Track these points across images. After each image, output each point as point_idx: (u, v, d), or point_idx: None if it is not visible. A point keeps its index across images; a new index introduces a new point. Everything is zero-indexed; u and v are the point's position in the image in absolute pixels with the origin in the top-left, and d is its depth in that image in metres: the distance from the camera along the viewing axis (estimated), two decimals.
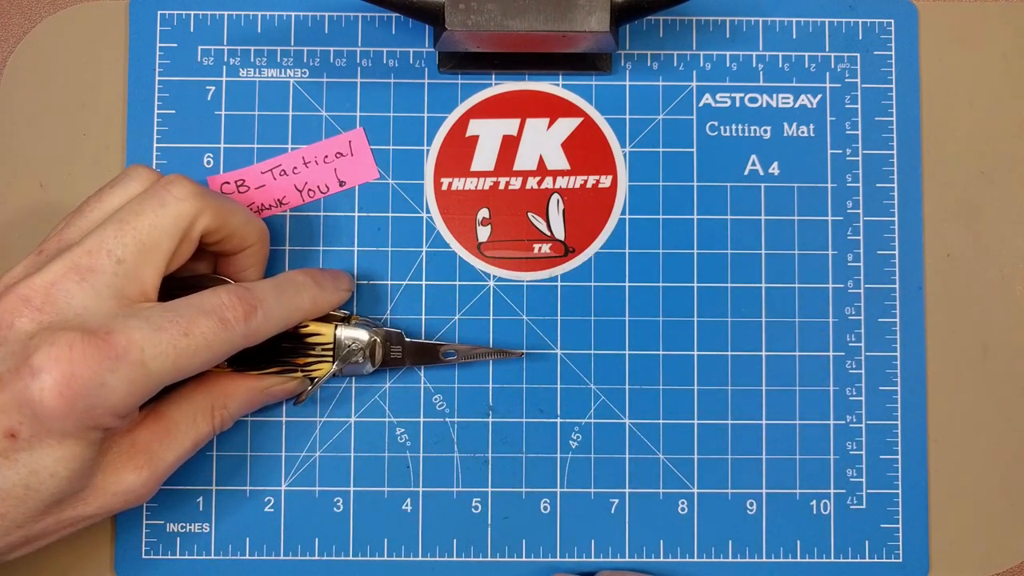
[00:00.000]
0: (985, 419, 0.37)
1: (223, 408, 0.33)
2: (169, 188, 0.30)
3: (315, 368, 0.34)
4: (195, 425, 0.32)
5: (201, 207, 0.31)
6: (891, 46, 0.38)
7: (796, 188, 0.38)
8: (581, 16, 0.33)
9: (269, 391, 0.34)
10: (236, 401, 0.33)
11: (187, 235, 0.31)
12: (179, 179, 0.31)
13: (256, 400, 0.34)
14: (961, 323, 0.37)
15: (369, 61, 0.38)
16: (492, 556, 0.36)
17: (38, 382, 0.27)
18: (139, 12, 0.38)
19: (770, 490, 0.37)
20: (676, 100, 0.38)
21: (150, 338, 0.28)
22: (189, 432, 0.32)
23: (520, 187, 0.37)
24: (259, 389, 0.34)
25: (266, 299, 0.31)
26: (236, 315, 0.30)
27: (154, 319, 0.28)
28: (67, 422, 0.27)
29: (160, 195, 0.30)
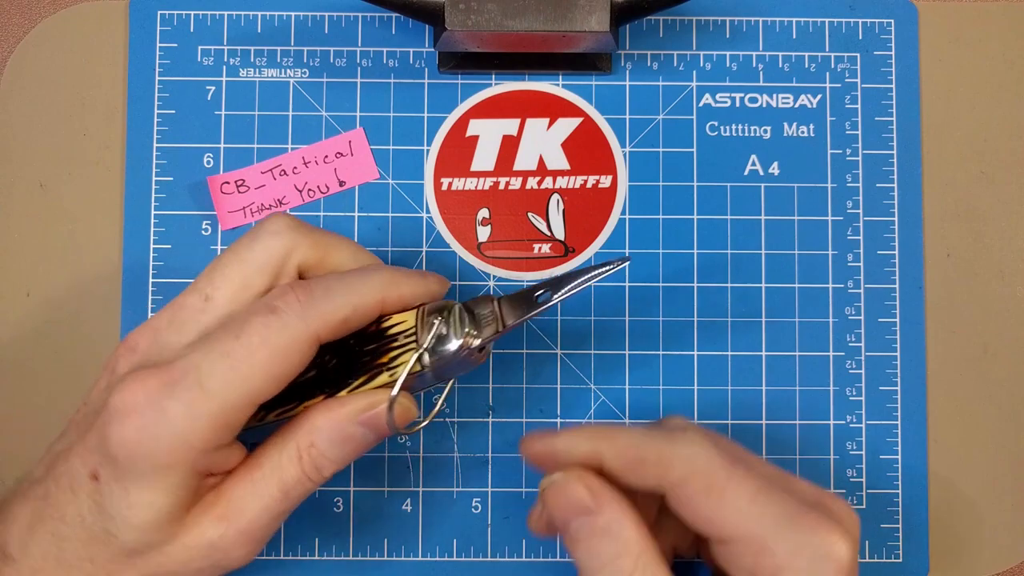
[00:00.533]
0: (985, 419, 0.37)
1: (310, 447, 0.28)
2: (264, 223, 0.29)
3: (399, 361, 0.29)
4: (279, 468, 0.28)
5: (295, 241, 0.28)
6: (891, 46, 0.38)
7: (796, 188, 0.38)
8: (581, 16, 0.33)
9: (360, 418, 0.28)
10: (323, 436, 0.28)
11: (281, 270, 0.28)
12: (277, 215, 0.29)
13: (348, 432, 0.28)
14: (961, 323, 0.37)
15: (369, 61, 0.38)
16: (492, 556, 0.36)
17: (110, 420, 0.26)
18: (139, 12, 0.38)
19: None
20: (676, 100, 0.38)
21: (204, 355, 0.26)
22: (273, 476, 0.28)
23: (520, 187, 0.37)
24: (344, 417, 0.28)
25: (328, 284, 0.28)
26: (287, 300, 0.27)
27: (212, 335, 0.27)
28: (138, 462, 0.26)
29: (254, 231, 0.29)
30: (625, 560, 0.27)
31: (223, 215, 0.37)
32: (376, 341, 0.29)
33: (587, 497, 0.28)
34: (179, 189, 0.37)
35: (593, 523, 0.27)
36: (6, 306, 0.37)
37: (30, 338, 0.37)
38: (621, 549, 0.27)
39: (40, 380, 0.37)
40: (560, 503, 0.28)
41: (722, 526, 0.27)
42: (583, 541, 0.28)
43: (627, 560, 0.27)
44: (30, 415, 0.37)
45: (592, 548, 0.27)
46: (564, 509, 0.28)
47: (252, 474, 0.28)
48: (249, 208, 0.37)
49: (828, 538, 0.26)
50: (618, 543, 0.27)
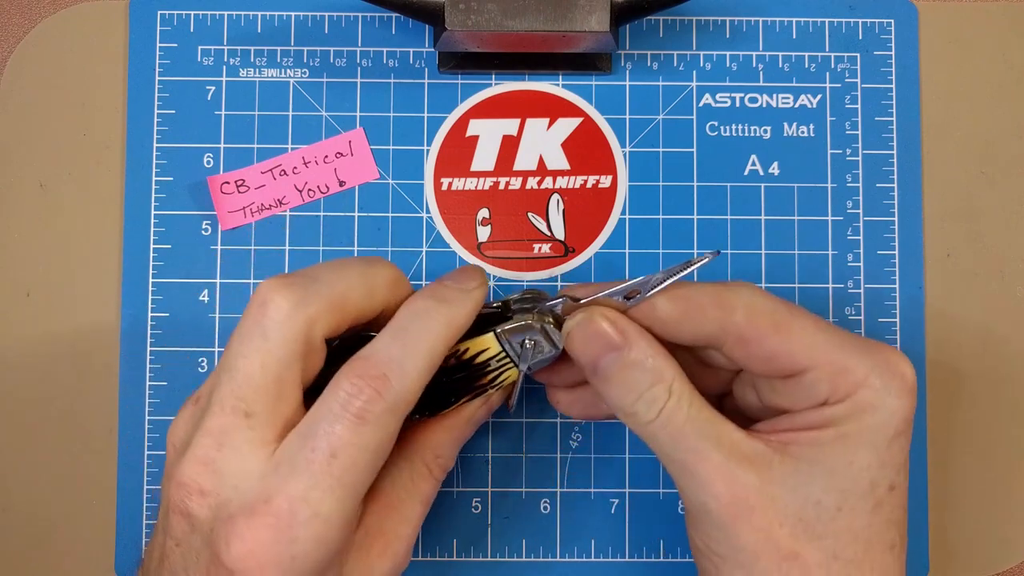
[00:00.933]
0: (985, 419, 0.37)
1: (437, 457, 0.30)
2: (266, 312, 0.26)
3: (504, 378, 0.30)
4: (416, 489, 0.30)
5: (309, 317, 0.26)
6: (891, 46, 0.38)
7: (796, 188, 0.38)
8: (581, 16, 0.33)
9: (473, 419, 0.31)
10: (446, 447, 0.31)
11: (309, 350, 0.27)
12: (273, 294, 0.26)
13: (467, 432, 0.31)
14: (961, 323, 0.37)
15: (369, 61, 0.38)
16: (492, 556, 0.36)
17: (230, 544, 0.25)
18: (139, 12, 0.38)
19: None
20: (676, 100, 0.38)
21: (305, 484, 0.25)
22: (414, 498, 0.30)
23: (520, 187, 0.37)
24: (462, 424, 0.31)
25: (392, 356, 0.27)
26: (367, 400, 0.26)
27: (299, 460, 0.25)
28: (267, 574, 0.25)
29: (260, 325, 0.26)
30: (659, 388, 0.27)
31: (223, 215, 0.37)
32: (464, 371, 0.30)
33: (614, 332, 0.28)
34: (179, 189, 0.37)
35: (623, 357, 0.27)
36: (6, 306, 0.37)
37: (30, 338, 0.37)
38: (654, 378, 0.27)
39: (40, 380, 0.37)
40: (587, 342, 0.28)
41: (795, 357, 0.27)
42: (614, 377, 0.28)
43: (661, 387, 0.27)
44: (30, 415, 0.37)
45: (625, 382, 0.27)
46: (592, 348, 0.28)
47: (391, 504, 0.29)
48: (249, 208, 0.37)
49: (896, 360, 0.27)
50: (651, 373, 0.27)
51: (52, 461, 0.37)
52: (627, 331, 0.28)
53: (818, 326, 0.28)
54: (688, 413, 0.27)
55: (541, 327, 0.29)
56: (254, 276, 0.37)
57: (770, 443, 0.27)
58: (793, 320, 0.28)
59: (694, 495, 0.27)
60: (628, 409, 0.28)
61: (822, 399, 0.27)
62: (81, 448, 0.37)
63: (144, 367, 0.36)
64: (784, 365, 0.28)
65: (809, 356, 0.27)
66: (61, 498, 0.36)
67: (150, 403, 0.36)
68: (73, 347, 0.37)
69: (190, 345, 0.37)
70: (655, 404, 0.27)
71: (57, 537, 0.36)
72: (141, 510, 0.36)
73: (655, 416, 0.27)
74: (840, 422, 0.27)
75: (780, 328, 0.27)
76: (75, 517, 0.36)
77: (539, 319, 0.29)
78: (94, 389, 0.37)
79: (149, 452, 0.36)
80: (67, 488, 0.36)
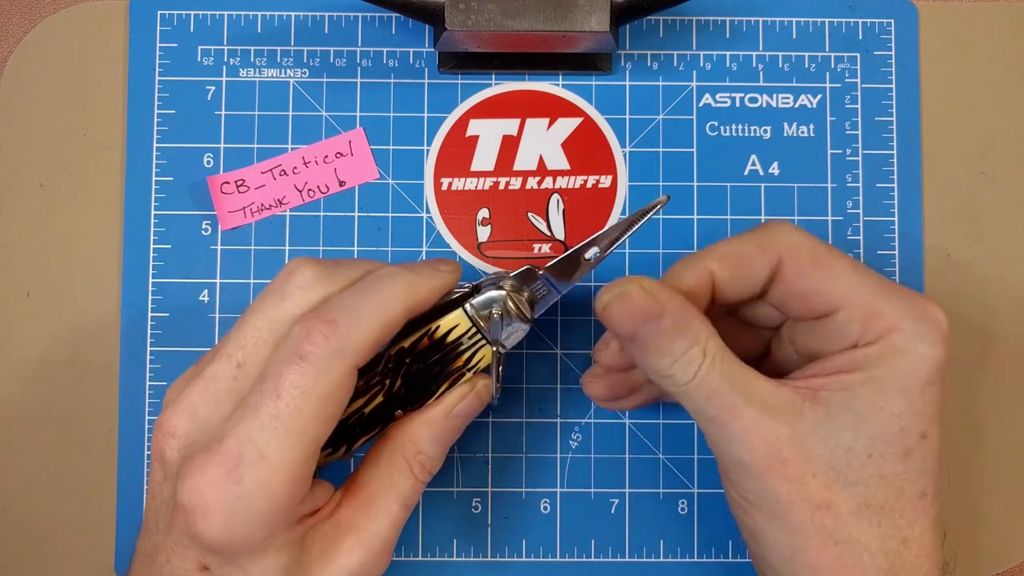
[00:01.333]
0: (985, 419, 0.37)
1: (417, 453, 0.29)
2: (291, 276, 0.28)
3: (478, 359, 0.30)
4: (393, 485, 0.29)
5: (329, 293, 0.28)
6: (891, 46, 0.38)
7: (796, 188, 0.38)
8: (581, 16, 0.33)
9: (455, 411, 0.30)
10: (426, 440, 0.30)
11: None
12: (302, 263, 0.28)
13: (448, 427, 0.30)
14: (961, 323, 0.37)
15: (369, 61, 0.38)
16: (492, 556, 0.36)
17: (192, 520, 0.26)
18: (139, 12, 0.38)
19: None
20: (676, 100, 0.38)
21: (253, 426, 0.26)
22: (390, 495, 0.29)
23: (520, 187, 0.37)
24: (442, 415, 0.30)
25: (344, 305, 0.27)
26: (315, 342, 0.26)
27: (251, 402, 0.26)
28: (241, 543, 0.26)
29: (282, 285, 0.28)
30: (695, 350, 0.27)
31: (223, 215, 0.37)
32: (438, 352, 0.30)
33: (650, 301, 0.28)
34: (179, 189, 0.37)
35: (660, 325, 0.27)
36: (6, 306, 0.37)
37: (30, 338, 0.37)
38: (690, 341, 0.27)
39: (40, 380, 0.37)
40: (625, 314, 0.28)
41: (829, 295, 0.28)
42: (652, 344, 0.28)
43: (697, 350, 0.27)
44: (30, 415, 0.37)
45: (663, 348, 0.27)
46: (630, 319, 0.28)
47: (367, 499, 0.29)
48: (249, 208, 0.37)
49: (930, 306, 0.28)
50: (687, 336, 0.27)
51: (52, 461, 0.37)
52: (663, 298, 0.28)
53: (855, 267, 0.28)
54: (721, 371, 0.27)
55: (506, 295, 0.30)
56: (254, 276, 0.37)
57: (799, 391, 0.27)
58: (832, 258, 0.28)
59: (728, 450, 0.27)
60: (665, 372, 0.28)
61: (852, 341, 0.27)
62: (81, 448, 0.37)
63: (144, 367, 0.36)
64: (819, 303, 0.28)
65: (844, 295, 0.27)
66: (61, 498, 0.36)
67: (150, 403, 0.36)
68: (73, 347, 0.37)
69: (190, 345, 0.37)
70: (691, 366, 0.27)
71: (57, 537, 0.36)
72: (141, 510, 0.36)
73: (691, 377, 0.27)
74: (870, 365, 0.27)
75: (819, 264, 0.28)
76: (75, 517, 0.36)
77: (504, 289, 0.30)
78: (94, 389, 0.37)
79: (149, 452, 0.36)
80: (67, 488, 0.36)
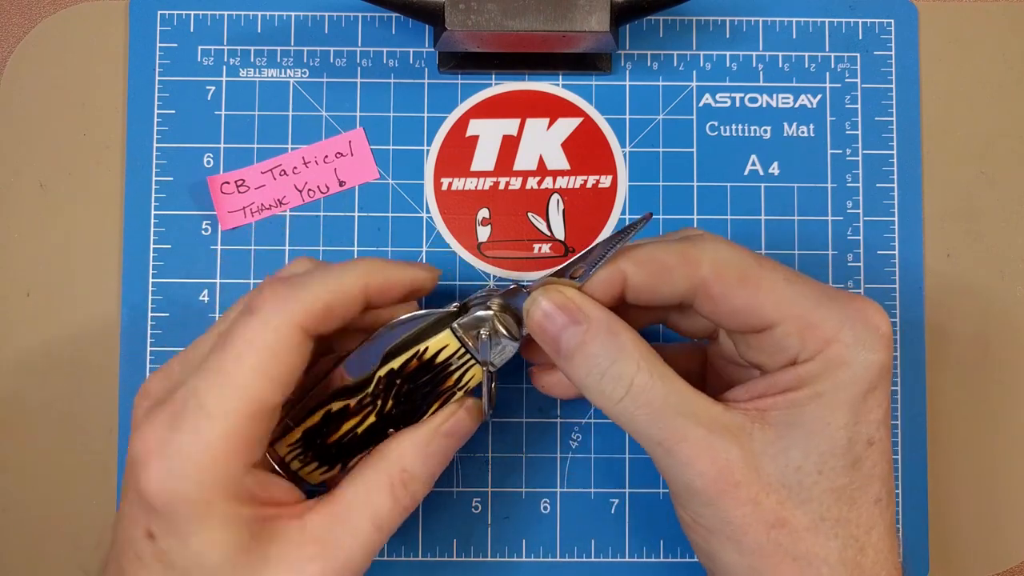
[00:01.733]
0: (985, 419, 0.37)
1: (402, 472, 0.28)
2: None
3: (468, 378, 0.30)
4: (370, 502, 0.27)
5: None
6: (891, 46, 0.38)
7: (796, 188, 0.38)
8: (581, 16, 0.33)
9: (443, 429, 0.29)
10: (411, 459, 0.28)
11: None
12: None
13: (436, 447, 0.29)
14: (961, 323, 0.37)
15: (369, 61, 0.38)
16: (492, 556, 0.36)
17: (137, 473, 0.25)
18: (139, 12, 0.38)
19: None
20: (676, 100, 0.38)
21: (199, 376, 0.25)
22: (364, 511, 0.27)
23: (520, 187, 0.37)
24: (430, 435, 0.29)
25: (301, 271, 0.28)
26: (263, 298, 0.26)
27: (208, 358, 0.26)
28: (176, 504, 0.25)
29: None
30: (624, 363, 0.26)
31: (223, 215, 0.37)
32: (428, 372, 0.29)
33: (569, 307, 0.27)
34: (179, 189, 0.37)
35: (583, 332, 0.27)
36: (6, 306, 0.37)
37: (30, 338, 0.37)
38: (617, 352, 0.27)
39: (39, 380, 0.37)
40: (544, 320, 0.27)
41: (762, 311, 0.27)
42: (577, 354, 0.27)
43: (628, 363, 0.26)
44: (30, 415, 0.37)
45: (588, 358, 0.27)
46: (549, 325, 0.27)
47: (338, 511, 0.27)
48: (249, 208, 0.37)
49: (869, 310, 0.27)
50: (613, 346, 0.27)
51: (52, 461, 0.37)
52: (583, 305, 0.27)
53: (788, 279, 0.27)
54: (662, 391, 0.26)
55: (493, 315, 0.29)
56: (254, 276, 0.37)
57: (748, 412, 0.27)
58: (761, 272, 0.27)
59: (678, 475, 0.27)
60: (595, 387, 0.27)
61: (793, 355, 0.27)
62: (81, 448, 0.37)
63: (144, 367, 0.36)
64: (752, 320, 0.27)
65: (777, 309, 0.26)
66: (61, 498, 0.36)
67: None
68: (73, 347, 0.37)
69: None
70: (622, 380, 0.26)
71: (57, 537, 0.36)
72: None
73: (624, 394, 0.26)
74: (814, 381, 0.26)
75: (747, 281, 0.27)
76: (75, 517, 0.36)
77: (492, 309, 0.29)
78: (94, 389, 0.37)
79: None
80: (67, 488, 0.36)
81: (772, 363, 0.27)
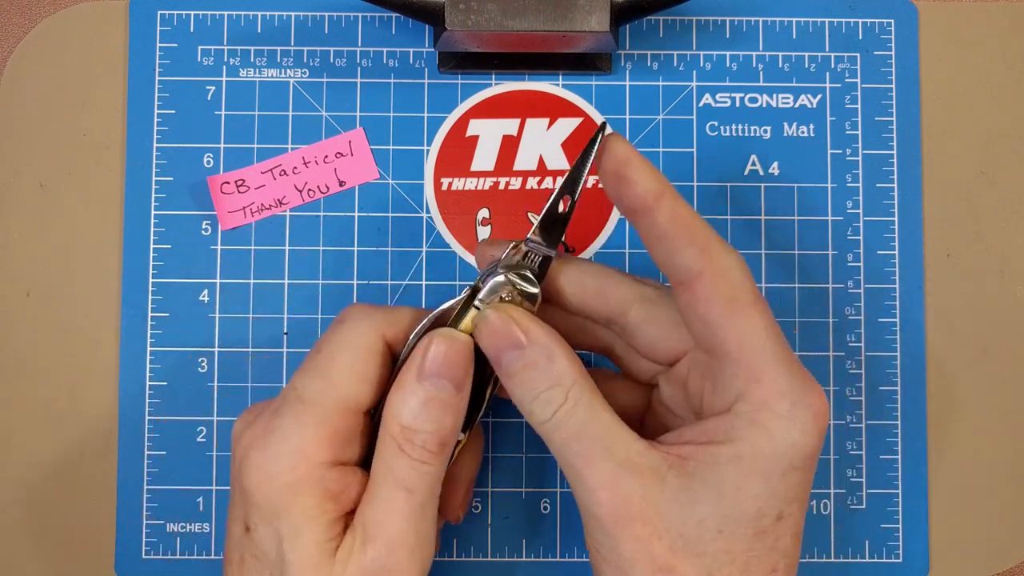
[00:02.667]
0: (985, 419, 0.37)
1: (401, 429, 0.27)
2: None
3: None
4: (388, 470, 0.27)
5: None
6: (891, 46, 0.38)
7: (796, 188, 0.38)
8: (581, 16, 0.33)
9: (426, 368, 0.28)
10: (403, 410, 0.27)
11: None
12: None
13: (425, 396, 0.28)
14: (961, 323, 0.37)
15: (369, 61, 0.38)
16: (492, 556, 0.36)
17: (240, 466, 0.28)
18: (139, 12, 0.38)
19: None
20: (676, 100, 0.38)
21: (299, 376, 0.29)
22: (386, 480, 0.27)
23: (520, 187, 0.37)
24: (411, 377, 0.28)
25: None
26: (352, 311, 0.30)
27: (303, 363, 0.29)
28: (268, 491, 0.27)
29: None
30: (556, 391, 0.27)
31: (223, 215, 0.37)
32: None
33: (516, 331, 0.28)
34: (179, 189, 0.37)
35: (524, 356, 0.27)
36: (6, 306, 0.37)
37: (30, 338, 0.37)
38: (553, 380, 0.27)
39: (40, 380, 0.37)
40: (491, 336, 0.28)
41: (727, 339, 0.26)
42: (516, 375, 0.28)
43: (558, 391, 0.27)
44: (30, 415, 0.37)
45: (525, 381, 0.27)
46: (495, 343, 0.28)
47: (370, 492, 0.28)
48: (249, 208, 0.37)
49: (812, 392, 0.26)
50: (550, 375, 0.27)
51: (52, 461, 0.37)
52: (530, 330, 0.28)
53: (768, 330, 0.26)
54: (583, 418, 0.27)
55: (506, 277, 0.29)
56: (254, 276, 0.37)
57: (668, 456, 0.27)
58: (753, 306, 0.26)
59: (582, 498, 0.27)
60: (526, 407, 0.28)
61: (732, 400, 0.26)
62: (81, 448, 0.37)
63: (144, 368, 0.36)
64: (716, 340, 0.26)
65: (740, 346, 0.26)
66: (61, 498, 0.36)
67: (150, 403, 0.36)
68: (73, 347, 0.37)
69: (190, 345, 0.37)
70: (550, 405, 0.27)
71: (57, 537, 0.36)
72: (141, 510, 0.36)
73: (549, 417, 0.27)
74: (737, 440, 0.26)
75: (736, 303, 0.26)
76: (75, 517, 0.36)
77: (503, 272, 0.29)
78: (94, 390, 0.37)
79: (149, 452, 0.36)
80: (67, 488, 0.36)
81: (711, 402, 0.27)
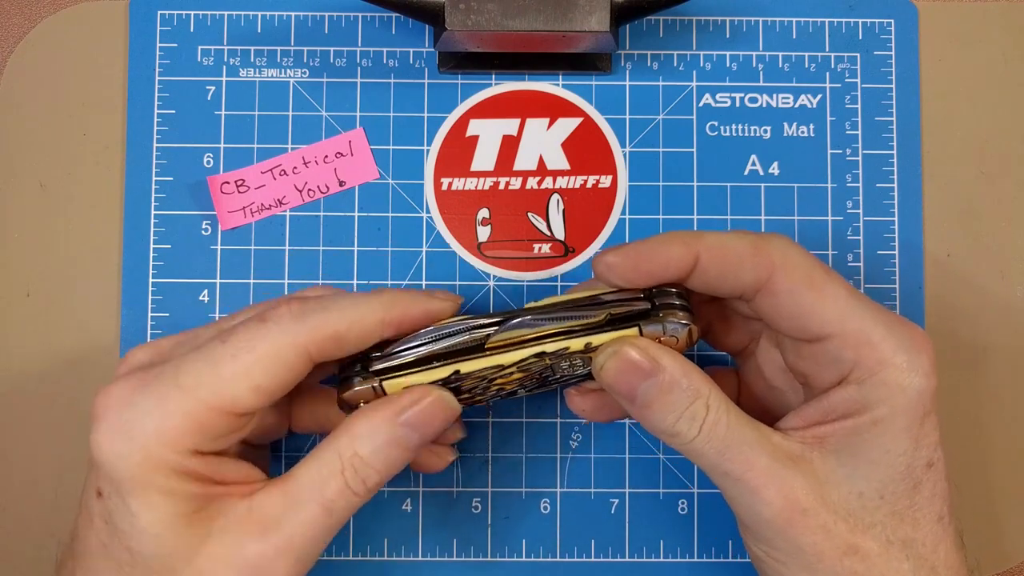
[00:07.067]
0: (985, 419, 0.37)
1: (353, 456, 0.26)
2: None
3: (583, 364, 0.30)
4: (319, 482, 0.26)
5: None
6: (891, 46, 0.38)
7: (796, 188, 0.38)
8: (581, 16, 0.33)
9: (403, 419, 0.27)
10: (365, 444, 0.27)
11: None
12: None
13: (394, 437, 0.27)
14: (961, 323, 0.37)
15: (369, 61, 0.38)
16: (492, 556, 0.36)
17: (92, 428, 0.26)
18: (139, 12, 0.38)
19: None
20: (676, 100, 0.38)
21: (187, 357, 0.26)
22: (314, 493, 0.26)
23: (520, 187, 0.37)
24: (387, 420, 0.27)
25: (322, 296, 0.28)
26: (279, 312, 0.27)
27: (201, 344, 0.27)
28: (117, 463, 0.25)
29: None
30: (698, 404, 0.27)
31: (223, 215, 0.37)
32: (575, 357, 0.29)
33: (646, 360, 0.27)
34: (179, 189, 0.37)
35: (659, 382, 0.27)
36: (6, 306, 0.37)
37: (30, 338, 0.37)
38: (692, 395, 0.27)
39: (40, 380, 0.37)
40: (621, 374, 0.28)
41: (823, 318, 0.27)
42: (654, 402, 0.27)
43: (700, 403, 0.27)
44: (29, 415, 0.37)
45: (664, 406, 0.27)
46: (627, 378, 0.28)
47: (288, 488, 0.26)
48: (249, 208, 0.37)
49: (918, 334, 0.27)
50: (688, 392, 0.27)
51: (52, 461, 0.37)
52: (657, 356, 0.27)
53: (850, 292, 0.27)
54: (730, 423, 0.27)
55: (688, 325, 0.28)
56: (254, 276, 0.37)
57: (805, 441, 0.27)
58: (828, 280, 0.27)
59: (746, 503, 0.27)
60: (670, 430, 0.27)
61: (845, 370, 0.27)
62: (81, 448, 0.36)
63: None
64: (811, 325, 0.27)
65: (838, 320, 0.27)
66: (61, 498, 0.36)
67: None
68: (73, 347, 0.37)
69: None
70: (695, 421, 0.27)
71: (57, 537, 0.36)
72: None
73: (697, 432, 0.27)
74: (871, 407, 0.27)
75: (814, 285, 0.27)
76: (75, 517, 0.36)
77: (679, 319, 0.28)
78: (94, 389, 0.36)
79: None
80: (67, 488, 0.36)
81: (820, 375, 0.28)
